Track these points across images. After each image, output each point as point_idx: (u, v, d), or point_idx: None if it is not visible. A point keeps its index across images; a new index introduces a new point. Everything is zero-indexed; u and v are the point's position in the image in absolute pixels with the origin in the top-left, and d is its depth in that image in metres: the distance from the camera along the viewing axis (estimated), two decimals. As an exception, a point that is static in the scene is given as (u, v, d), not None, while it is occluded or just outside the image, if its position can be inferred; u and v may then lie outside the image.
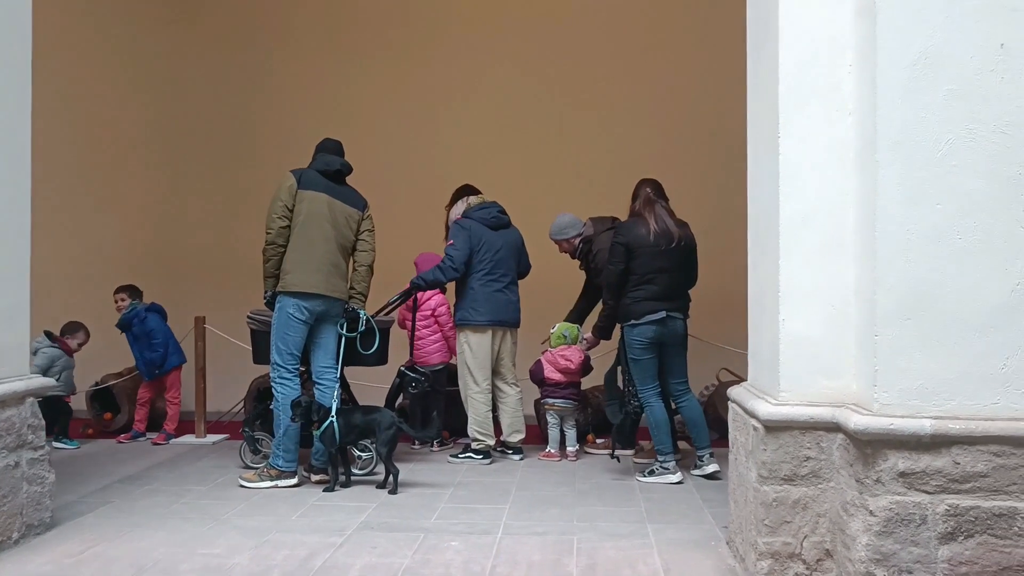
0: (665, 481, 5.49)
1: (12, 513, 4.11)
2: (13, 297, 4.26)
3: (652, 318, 5.58)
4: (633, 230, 5.66)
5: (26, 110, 4.35)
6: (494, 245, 6.29)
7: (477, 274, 6.22)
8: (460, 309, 6.27)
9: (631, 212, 5.85)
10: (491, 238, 6.29)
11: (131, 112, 8.56)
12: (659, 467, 5.57)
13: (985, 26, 3.17)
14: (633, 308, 5.63)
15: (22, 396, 4.21)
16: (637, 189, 5.87)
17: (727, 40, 5.20)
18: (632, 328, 5.63)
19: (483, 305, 6.20)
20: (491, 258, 6.25)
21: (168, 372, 7.10)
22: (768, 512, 3.48)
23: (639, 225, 5.67)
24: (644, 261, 5.61)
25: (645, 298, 5.60)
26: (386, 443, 5.27)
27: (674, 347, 5.75)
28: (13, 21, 4.27)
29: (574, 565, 3.89)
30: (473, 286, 6.21)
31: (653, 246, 5.60)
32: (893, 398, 3.18)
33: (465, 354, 6.24)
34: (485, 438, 6.18)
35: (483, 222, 6.30)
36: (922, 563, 3.13)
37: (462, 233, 6.23)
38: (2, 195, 4.16)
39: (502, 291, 6.28)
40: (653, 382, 5.68)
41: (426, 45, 8.41)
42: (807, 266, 3.52)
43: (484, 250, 6.24)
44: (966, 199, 3.17)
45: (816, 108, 3.52)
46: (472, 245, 6.20)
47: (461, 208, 6.43)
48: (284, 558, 3.98)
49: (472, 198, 6.47)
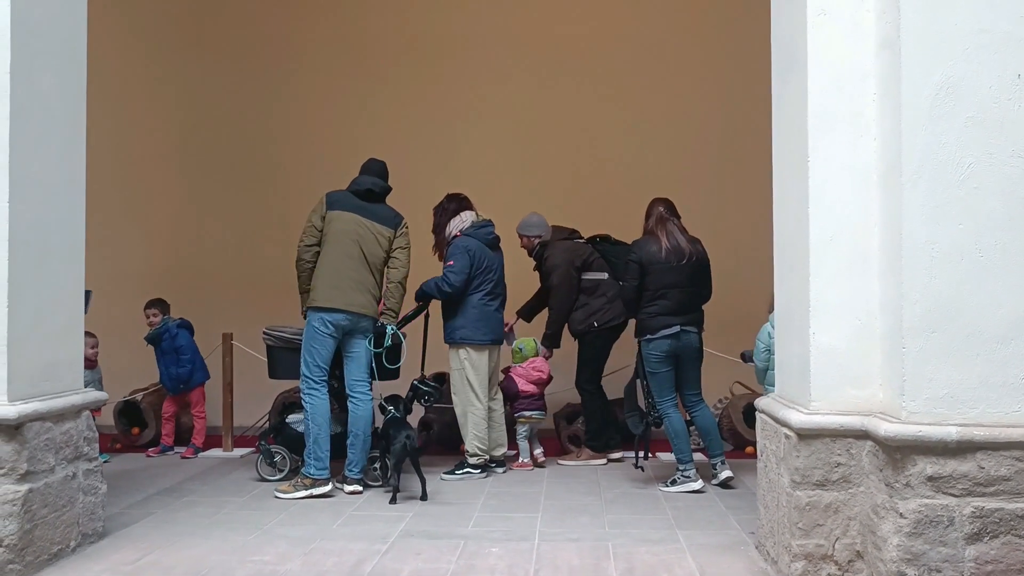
0: (687, 489, 5.67)
1: (70, 522, 4.28)
2: (68, 314, 4.44)
3: (666, 332, 5.78)
4: (645, 248, 5.87)
5: (81, 135, 4.55)
6: (494, 265, 6.38)
7: (479, 293, 6.25)
8: (460, 328, 6.24)
9: (645, 230, 6.04)
10: (491, 258, 6.37)
11: (157, 132, 8.74)
12: (680, 476, 5.75)
13: (1002, 57, 3.39)
14: (649, 323, 5.84)
15: (79, 409, 4.39)
16: (650, 208, 6.07)
17: (742, 59, 5.41)
18: (648, 342, 5.84)
19: (485, 324, 6.26)
20: (492, 278, 6.33)
21: (192, 388, 7.25)
22: (801, 515, 3.67)
23: (651, 243, 5.88)
24: (656, 277, 5.81)
25: (659, 313, 5.81)
26: (394, 454, 5.45)
27: (689, 360, 5.93)
28: (71, 52, 4.48)
29: (613, 569, 4.08)
30: (475, 305, 6.24)
31: (665, 263, 5.81)
32: (920, 406, 3.38)
33: (467, 371, 6.25)
34: (484, 453, 6.22)
35: (484, 241, 6.36)
36: (950, 562, 3.32)
37: (464, 256, 6.23)
38: (60, 217, 4.35)
39: (498, 310, 6.39)
40: (671, 393, 5.88)
41: (442, 63, 8.59)
42: (834, 282, 3.73)
43: (487, 270, 6.30)
44: (986, 219, 3.39)
45: (841, 134, 3.74)
46: (474, 266, 6.24)
47: (465, 224, 6.38)
48: (334, 564, 4.15)
49: (472, 215, 6.45)
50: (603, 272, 6.77)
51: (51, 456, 4.13)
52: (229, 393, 7.27)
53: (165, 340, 7.14)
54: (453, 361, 6.32)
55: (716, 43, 8.17)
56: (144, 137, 8.72)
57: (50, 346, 4.27)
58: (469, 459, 6.19)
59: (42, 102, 4.20)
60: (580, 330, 6.75)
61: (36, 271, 4.15)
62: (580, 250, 6.81)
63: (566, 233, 6.89)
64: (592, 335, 6.69)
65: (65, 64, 4.42)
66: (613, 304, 6.61)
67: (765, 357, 5.75)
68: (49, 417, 4.12)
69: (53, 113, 4.30)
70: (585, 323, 6.69)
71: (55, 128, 4.32)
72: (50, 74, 4.27)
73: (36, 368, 4.16)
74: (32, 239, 4.12)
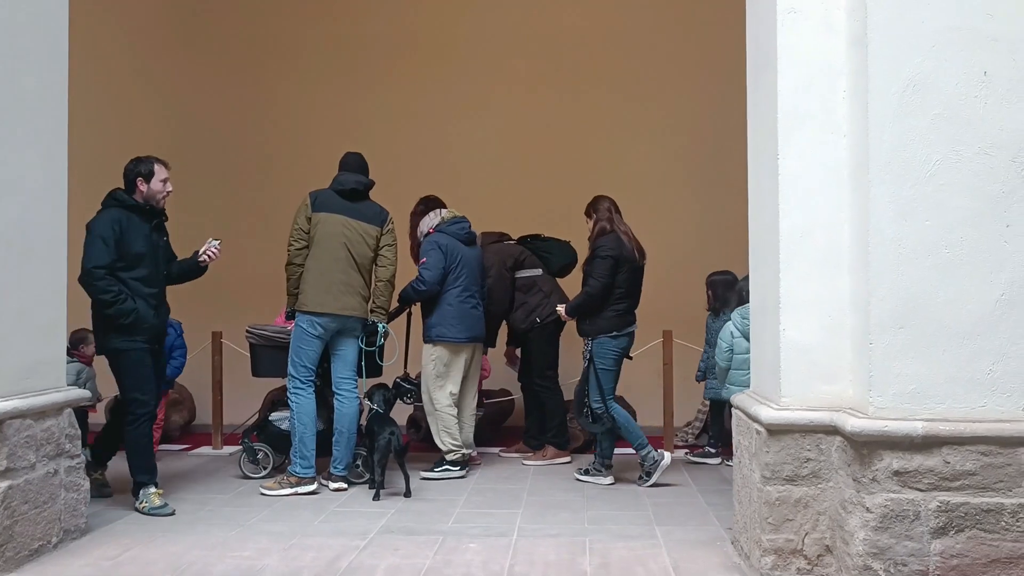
0: (597, 482, 5.80)
1: (51, 519, 4.31)
2: (51, 313, 4.48)
3: (630, 330, 5.90)
4: (621, 245, 5.86)
5: (63, 137, 4.58)
6: (469, 261, 6.31)
7: (454, 290, 6.19)
8: (436, 325, 6.18)
9: (598, 228, 5.98)
10: (466, 254, 6.30)
11: (146, 133, 8.74)
12: (593, 468, 5.90)
13: (968, 55, 3.42)
14: (616, 320, 5.85)
15: (61, 407, 4.43)
16: (597, 205, 6.06)
17: (729, 62, 5.43)
18: (613, 339, 5.83)
19: (461, 322, 6.18)
20: (467, 275, 6.26)
21: (171, 387, 7.26)
22: (771, 511, 3.70)
23: (621, 240, 5.88)
24: (625, 276, 5.85)
25: (627, 311, 5.88)
26: (378, 450, 5.50)
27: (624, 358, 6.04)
28: (54, 55, 4.51)
29: (588, 564, 4.10)
30: (451, 303, 6.18)
31: (635, 261, 5.88)
32: (887, 402, 3.41)
33: (437, 368, 6.18)
34: (459, 447, 6.16)
35: (457, 237, 6.29)
36: (916, 556, 3.35)
37: (436, 252, 6.18)
38: (41, 218, 4.38)
39: (475, 307, 6.31)
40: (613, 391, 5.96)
41: (435, 66, 8.63)
42: (805, 278, 3.75)
43: (461, 266, 6.22)
44: (953, 215, 3.41)
45: (812, 130, 3.76)
46: (448, 263, 6.18)
47: (435, 221, 6.37)
48: (312, 560, 4.18)
49: (444, 212, 6.42)
50: (536, 268, 6.87)
51: (32, 453, 4.17)
52: (219, 391, 7.31)
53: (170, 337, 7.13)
54: (425, 357, 6.23)
55: (707, 44, 8.16)
56: (134, 137, 8.69)
57: (32, 345, 4.31)
58: (447, 456, 6.16)
59: (24, 104, 4.23)
60: (523, 328, 6.79)
61: (18, 271, 4.18)
62: (510, 251, 6.88)
63: (495, 237, 6.94)
64: (536, 331, 6.73)
65: (47, 66, 4.45)
66: (550, 299, 6.69)
67: (728, 356, 5.80)
68: (30, 414, 4.16)
69: (35, 115, 4.33)
70: (527, 320, 6.74)
71: (37, 129, 4.35)
72: (32, 76, 4.30)
73: (18, 366, 4.19)
74: (14, 239, 4.15)
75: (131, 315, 5.08)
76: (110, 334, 5.17)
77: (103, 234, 5.07)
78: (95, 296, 5.09)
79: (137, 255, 5.16)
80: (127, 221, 5.17)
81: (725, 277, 6.75)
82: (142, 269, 5.19)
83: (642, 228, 8.11)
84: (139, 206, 5.28)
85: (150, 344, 5.26)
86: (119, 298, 5.07)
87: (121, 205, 5.24)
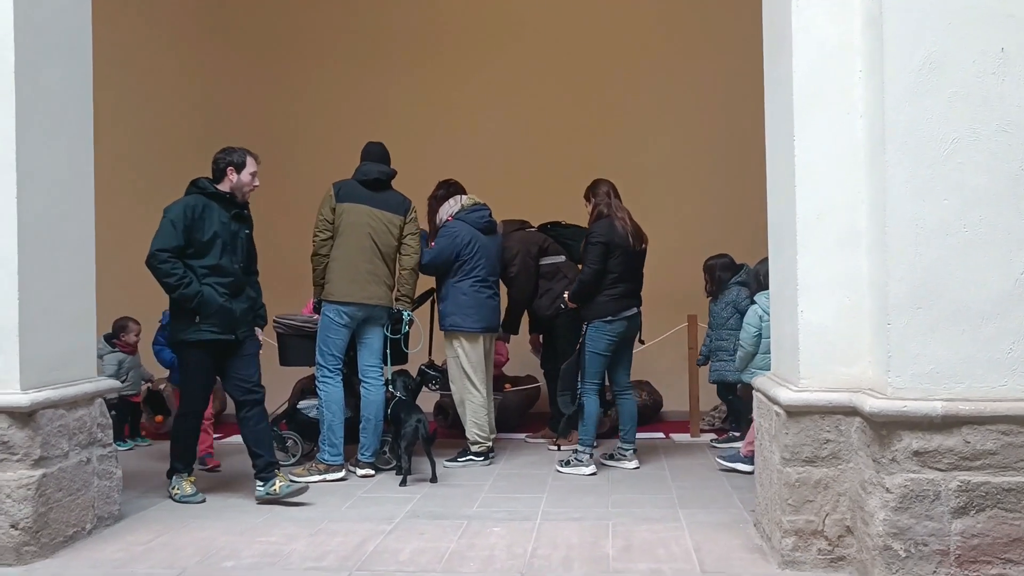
0: (578, 472, 5.74)
1: (85, 506, 4.42)
2: (80, 304, 4.58)
3: (626, 314, 5.85)
4: (612, 231, 5.83)
5: (88, 129, 4.68)
6: (488, 250, 6.23)
7: (469, 279, 6.12)
8: (451, 315, 6.13)
9: (595, 213, 5.98)
10: (485, 242, 6.21)
11: (175, 126, 8.89)
12: (574, 459, 5.83)
13: (985, 32, 3.39)
14: (609, 305, 5.82)
15: (92, 397, 4.53)
16: (596, 189, 6.04)
17: (754, 45, 5.41)
18: (607, 324, 5.81)
19: (476, 312, 6.13)
20: (484, 264, 6.18)
21: None
22: (791, 492, 3.71)
23: (614, 226, 5.85)
24: (618, 261, 5.81)
25: (622, 295, 5.85)
26: (405, 438, 5.57)
27: (629, 342, 6.03)
28: (78, 49, 4.60)
29: (610, 546, 4.14)
30: (466, 292, 6.12)
31: (630, 246, 5.85)
32: (906, 382, 3.40)
33: (461, 359, 6.17)
34: (485, 440, 6.19)
35: (476, 225, 6.21)
36: (936, 536, 3.35)
37: (447, 240, 6.12)
38: (69, 210, 4.48)
39: (491, 297, 6.26)
40: (601, 378, 5.92)
41: (459, 54, 8.67)
42: (823, 260, 3.75)
43: (478, 255, 6.14)
44: (971, 194, 3.39)
45: (828, 111, 3.75)
46: (457, 251, 6.10)
47: (454, 208, 6.29)
48: (338, 544, 4.26)
49: (465, 199, 6.34)
50: (559, 255, 6.87)
51: (65, 442, 4.27)
52: (248, 380, 7.38)
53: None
54: (448, 349, 6.23)
55: (728, 31, 8.14)
56: (163, 130, 8.88)
57: (62, 336, 4.41)
58: (471, 447, 6.18)
59: (48, 98, 4.32)
60: (549, 315, 6.77)
61: (46, 263, 4.28)
62: (534, 238, 6.87)
63: (517, 224, 6.92)
64: (562, 317, 6.65)
65: (71, 60, 4.54)
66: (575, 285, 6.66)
67: (756, 340, 5.76)
68: (62, 404, 4.26)
69: (60, 109, 4.42)
70: (552, 307, 6.70)
71: (62, 123, 4.44)
72: (56, 71, 4.39)
73: (49, 357, 4.29)
74: (41, 231, 4.25)
75: (195, 299, 4.97)
76: (178, 323, 5.11)
77: (174, 218, 5.03)
78: (160, 279, 5.00)
79: (208, 243, 5.07)
80: (203, 209, 5.09)
81: (722, 260, 6.75)
82: (212, 258, 5.08)
83: (666, 213, 8.16)
84: (219, 194, 5.22)
85: (223, 334, 5.10)
86: (183, 281, 4.97)
87: (201, 192, 5.19)
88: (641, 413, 7.49)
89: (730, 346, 6.48)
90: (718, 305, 6.65)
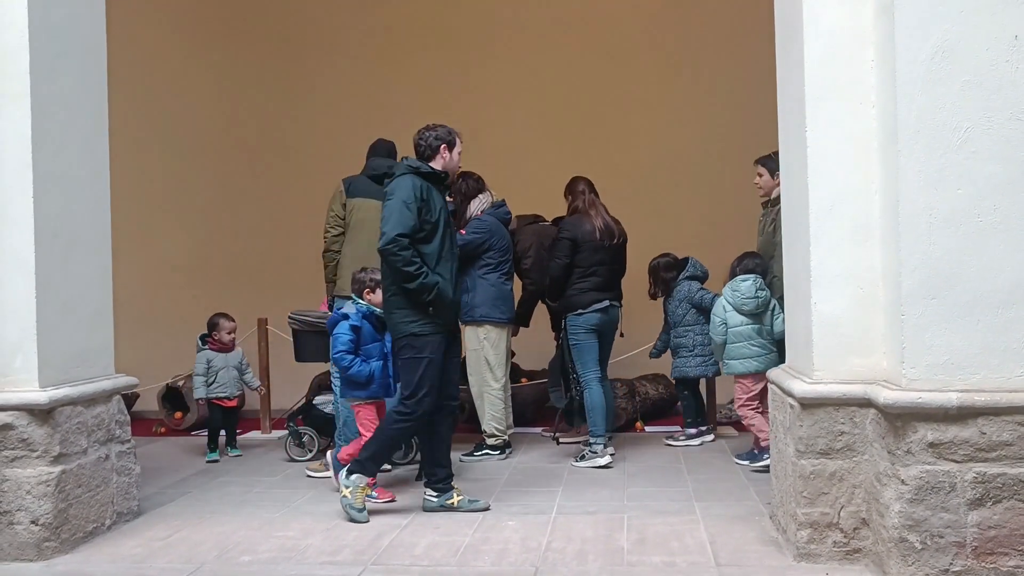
0: (594, 464, 5.72)
1: (104, 502, 4.47)
2: (98, 302, 4.62)
3: (597, 307, 5.96)
4: (579, 226, 6.00)
5: (103, 131, 4.72)
6: (511, 245, 6.34)
7: (496, 272, 6.18)
8: (480, 306, 6.11)
9: (571, 209, 6.18)
10: (507, 238, 6.32)
11: (191, 125, 8.95)
12: (588, 451, 5.83)
13: (998, 19, 3.35)
14: (580, 299, 5.98)
15: (110, 394, 4.58)
16: (573, 186, 6.24)
17: (760, 40, 5.39)
18: (578, 316, 5.97)
19: (504, 303, 6.21)
20: (509, 257, 6.28)
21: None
22: (806, 484, 3.70)
23: (584, 222, 6.02)
24: (587, 255, 5.97)
25: (590, 289, 5.97)
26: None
27: (608, 335, 6.15)
28: (92, 51, 4.63)
29: (624, 540, 4.14)
30: (494, 283, 6.16)
31: (598, 241, 5.96)
32: (920, 373, 3.38)
33: (485, 351, 6.18)
34: (502, 433, 6.20)
35: (501, 220, 6.30)
36: (952, 528, 3.33)
37: (481, 236, 6.09)
38: (85, 209, 4.52)
39: (511, 290, 6.35)
40: (595, 366, 6.00)
41: (469, 51, 8.67)
42: (836, 251, 3.73)
43: (506, 249, 6.24)
44: (984, 183, 3.36)
45: (840, 101, 3.72)
46: (489, 244, 6.11)
47: (485, 204, 6.24)
48: (354, 538, 4.28)
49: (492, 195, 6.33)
50: None
51: (83, 439, 4.32)
52: (266, 377, 7.44)
53: None
54: (471, 340, 6.20)
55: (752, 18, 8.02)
56: (179, 130, 8.94)
57: (80, 334, 4.46)
58: (487, 440, 6.19)
59: (64, 100, 4.36)
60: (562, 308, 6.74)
61: (63, 262, 4.33)
62: (548, 231, 6.83)
63: (530, 219, 6.94)
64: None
65: (86, 63, 4.57)
66: None
67: (722, 331, 5.79)
68: (80, 402, 4.31)
69: (75, 111, 4.46)
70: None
71: (78, 125, 4.48)
72: (71, 73, 4.43)
73: (66, 355, 4.34)
74: (58, 230, 4.29)
75: (433, 290, 4.53)
76: (408, 314, 4.60)
77: (406, 199, 4.53)
78: (399, 267, 4.51)
79: (435, 226, 4.65)
80: (426, 190, 4.64)
81: (664, 260, 6.69)
82: (437, 243, 4.65)
83: (680, 206, 8.15)
84: (435, 174, 4.76)
85: (449, 331, 4.76)
86: (422, 271, 4.53)
87: (416, 172, 4.69)
88: (658, 407, 7.52)
89: (689, 342, 6.48)
90: (672, 303, 6.61)
